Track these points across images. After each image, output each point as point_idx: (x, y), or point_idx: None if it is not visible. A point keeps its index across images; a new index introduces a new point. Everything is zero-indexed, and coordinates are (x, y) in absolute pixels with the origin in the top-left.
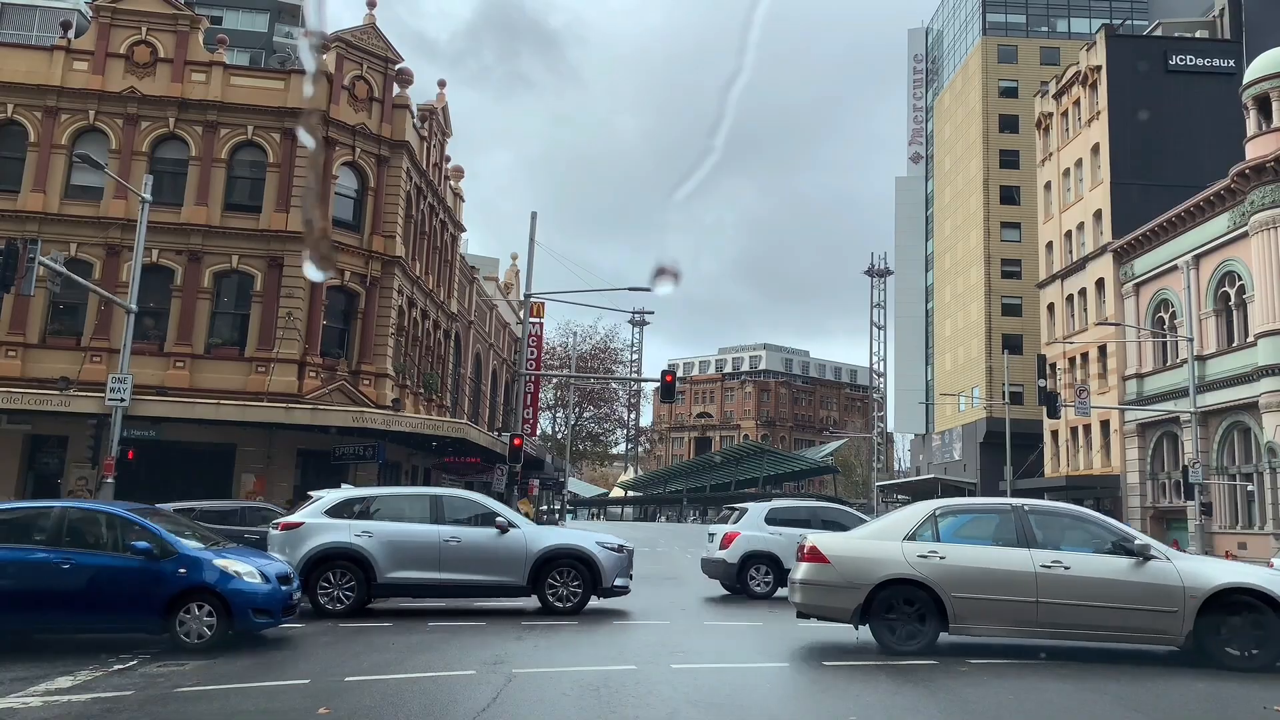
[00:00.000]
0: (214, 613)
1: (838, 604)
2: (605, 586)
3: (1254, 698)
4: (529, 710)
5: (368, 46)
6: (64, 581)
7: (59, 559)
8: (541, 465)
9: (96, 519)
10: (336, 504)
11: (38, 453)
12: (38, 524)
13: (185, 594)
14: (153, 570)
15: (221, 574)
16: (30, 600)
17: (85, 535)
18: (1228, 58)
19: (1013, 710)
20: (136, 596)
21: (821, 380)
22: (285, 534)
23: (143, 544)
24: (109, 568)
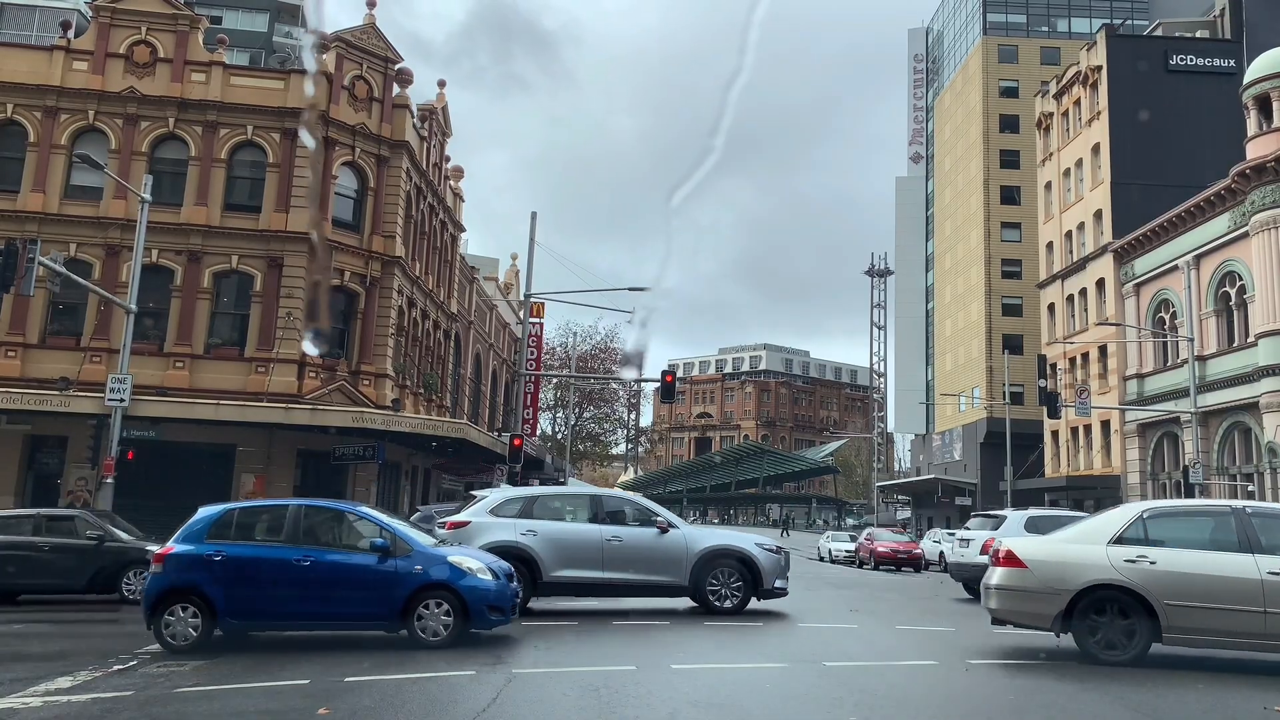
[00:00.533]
0: (451, 611)
1: (1036, 610)
2: (765, 588)
3: (1254, 698)
4: (529, 710)
5: (368, 46)
6: (305, 579)
7: (299, 556)
8: (541, 465)
9: (334, 516)
10: (500, 503)
11: (37, 453)
12: (275, 522)
13: (422, 591)
14: (389, 567)
15: (456, 570)
16: (272, 598)
17: (322, 532)
18: (1228, 58)
19: (1013, 710)
20: (374, 594)
21: (821, 380)
22: (453, 533)
23: (380, 540)
24: (347, 565)
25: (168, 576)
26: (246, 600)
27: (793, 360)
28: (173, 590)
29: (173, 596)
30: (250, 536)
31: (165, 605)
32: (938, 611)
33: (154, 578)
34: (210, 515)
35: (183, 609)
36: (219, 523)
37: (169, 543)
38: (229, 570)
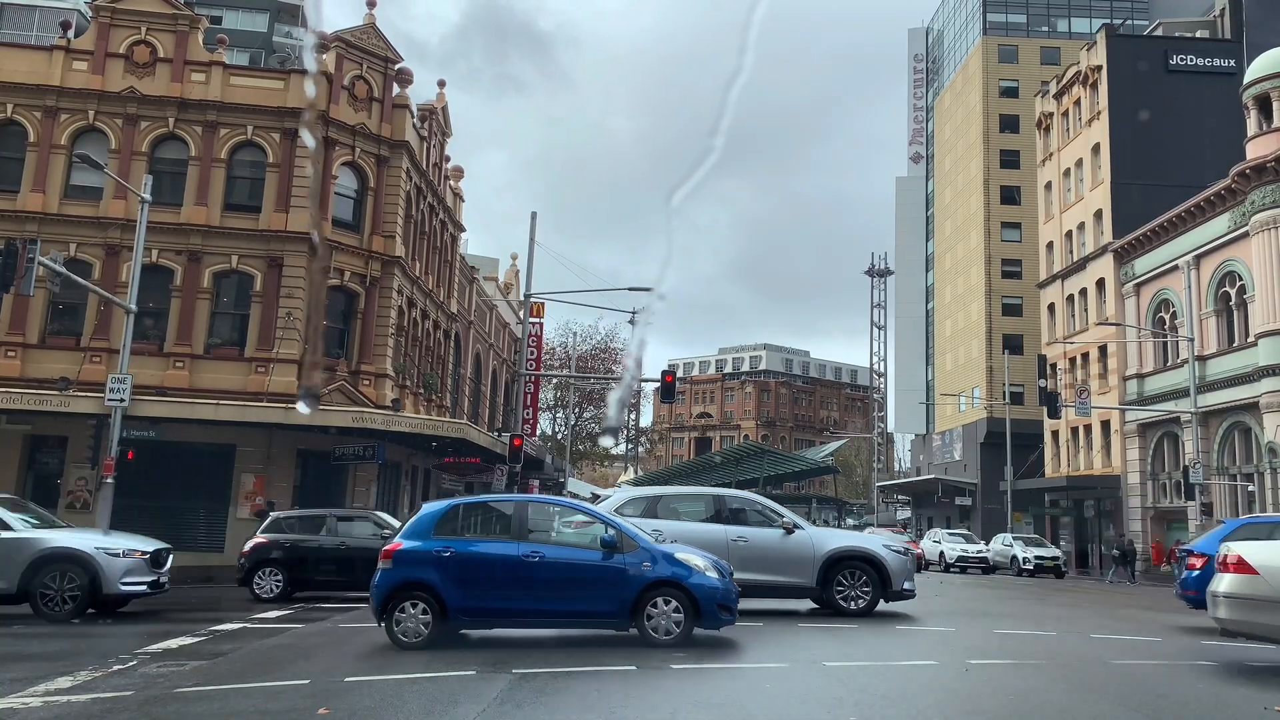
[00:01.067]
0: (681, 609)
1: (1270, 621)
2: (894, 589)
3: (1254, 698)
4: (529, 710)
5: (367, 46)
6: (533, 576)
7: (527, 553)
8: (541, 465)
9: (557, 511)
10: (624, 503)
11: (37, 453)
12: (499, 518)
13: (651, 588)
14: (617, 564)
15: (685, 568)
16: (502, 596)
17: (544, 528)
18: (1228, 58)
19: (1013, 710)
20: (602, 591)
21: (822, 380)
22: None
23: (607, 536)
24: (574, 562)
25: (398, 572)
26: (476, 598)
27: (793, 360)
28: (403, 586)
29: (402, 593)
30: (474, 532)
31: (395, 602)
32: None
33: (384, 573)
34: (435, 511)
35: (413, 605)
36: (444, 518)
37: (396, 538)
38: (458, 567)
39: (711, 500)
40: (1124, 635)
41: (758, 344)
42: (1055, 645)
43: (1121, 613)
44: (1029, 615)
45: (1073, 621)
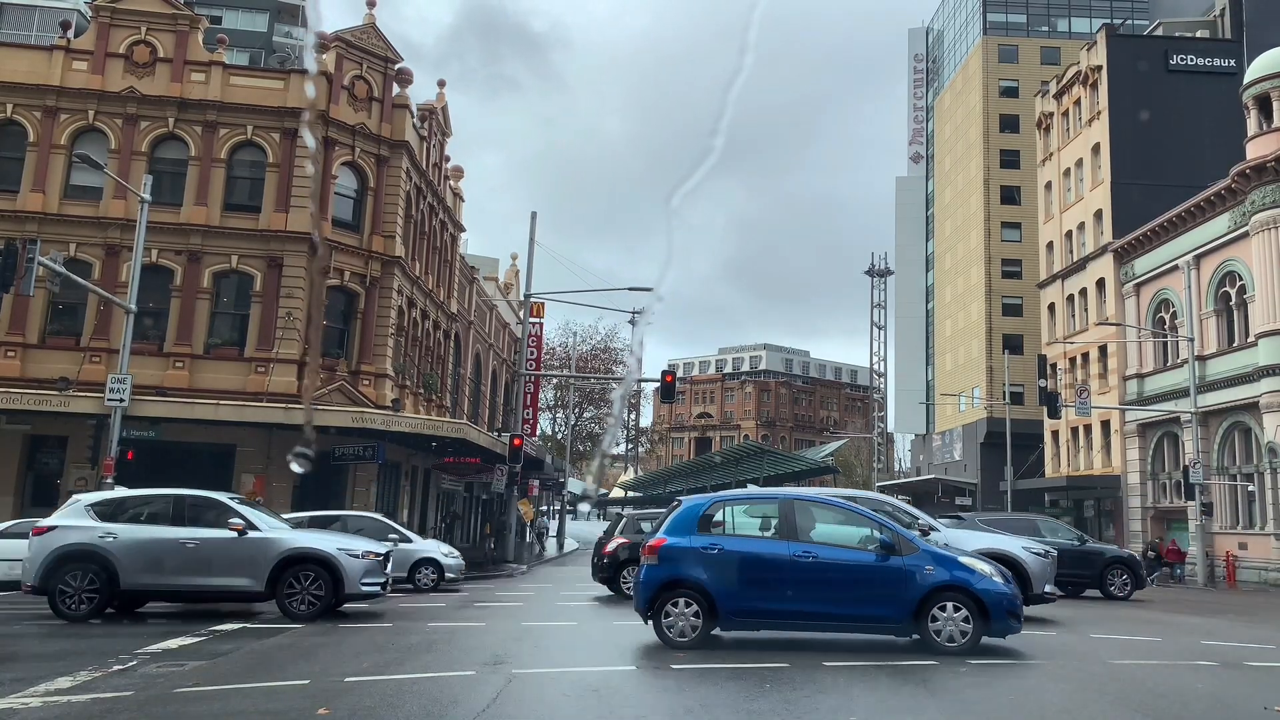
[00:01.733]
0: (969, 615)
1: None
2: (1034, 593)
3: (1254, 698)
4: (529, 710)
5: (367, 46)
6: (805, 576)
7: (799, 552)
8: (541, 465)
9: (826, 510)
10: None
11: (37, 453)
12: (761, 516)
13: (936, 593)
14: (895, 566)
15: (969, 571)
16: (774, 596)
17: (811, 527)
18: (1228, 57)
19: (1013, 710)
20: (882, 594)
21: (822, 380)
22: None
23: (883, 537)
24: (849, 563)
25: (664, 569)
26: (747, 597)
27: (793, 360)
28: (670, 583)
29: (669, 590)
30: (740, 529)
31: (662, 599)
32: None
33: (650, 569)
34: (697, 506)
35: (684, 604)
36: (706, 515)
37: (658, 534)
38: (726, 565)
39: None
40: (1123, 635)
41: (758, 344)
42: (1055, 644)
43: (1120, 612)
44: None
45: (1073, 621)
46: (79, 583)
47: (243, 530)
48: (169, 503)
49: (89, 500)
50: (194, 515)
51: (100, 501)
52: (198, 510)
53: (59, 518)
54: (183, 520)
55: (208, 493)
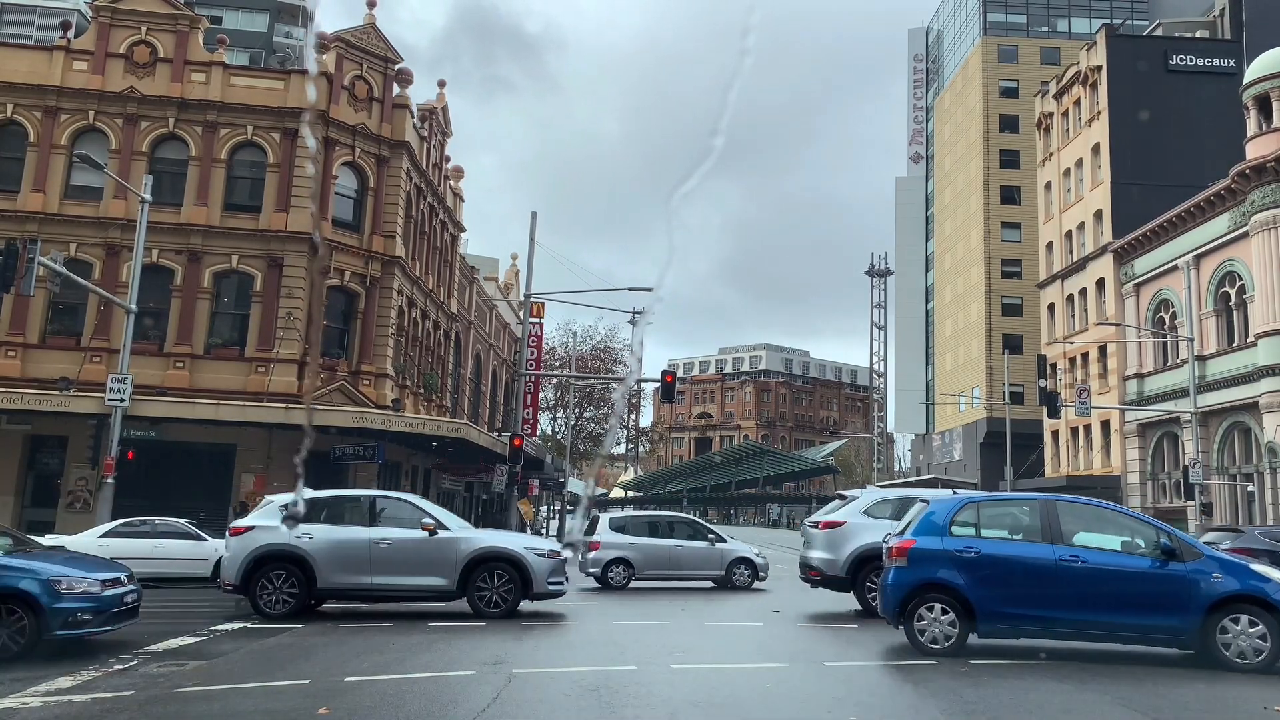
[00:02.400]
0: (1267, 632)
1: None
2: None
3: (1254, 698)
4: (529, 710)
5: (368, 46)
6: (1074, 582)
7: (1065, 556)
8: (541, 465)
9: (1092, 513)
10: (874, 503)
11: (38, 453)
12: (1015, 517)
13: (1225, 603)
14: (1176, 573)
15: (1262, 580)
16: (1040, 602)
17: (1075, 530)
18: (1228, 58)
19: (1013, 710)
20: (1162, 603)
21: (821, 380)
22: (828, 532)
23: (1165, 543)
24: (1124, 569)
25: (915, 572)
26: (1008, 603)
27: (793, 360)
28: (922, 587)
29: (920, 594)
30: (995, 531)
31: (914, 603)
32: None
33: (899, 572)
34: (948, 507)
35: (941, 610)
36: (959, 515)
37: (907, 534)
38: (985, 568)
39: None
40: None
41: (757, 344)
42: (1054, 644)
43: None
44: None
45: None
46: (279, 582)
47: (433, 530)
48: (360, 502)
49: (283, 500)
50: (384, 515)
51: (294, 502)
52: (388, 510)
53: (255, 518)
54: (374, 520)
55: (397, 493)
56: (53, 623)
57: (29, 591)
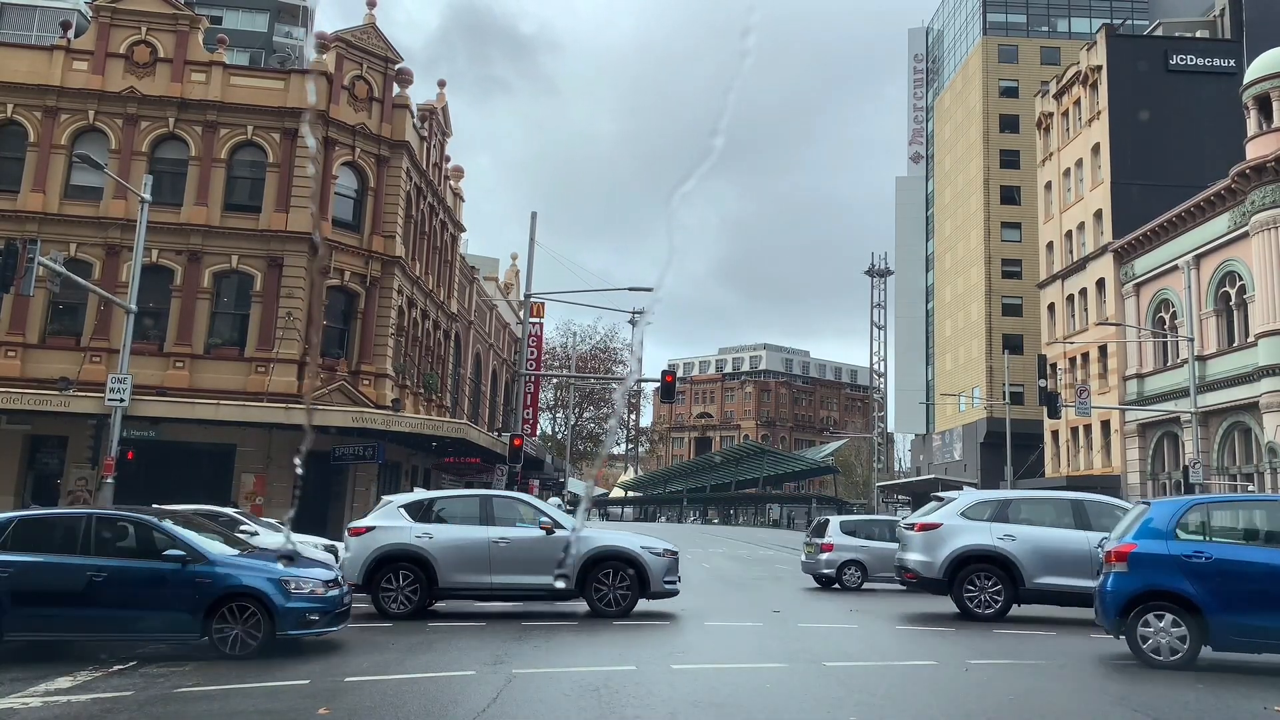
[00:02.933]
0: None
1: None
2: None
3: (1254, 698)
4: (529, 710)
5: (368, 46)
6: None
7: None
8: (541, 465)
9: None
10: (971, 505)
11: (38, 453)
12: (1253, 520)
13: None
14: None
15: None
16: None
17: None
18: (1228, 58)
19: (1013, 710)
20: None
21: (821, 380)
22: (925, 534)
23: None
24: None
25: (1137, 578)
26: (1251, 614)
27: (793, 360)
28: (1146, 594)
29: (1143, 602)
30: (1222, 535)
31: (1136, 611)
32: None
33: (1118, 578)
34: (1175, 508)
35: (1165, 618)
36: (1184, 518)
37: (1126, 538)
38: (1219, 576)
39: (1069, 506)
40: None
41: (757, 344)
42: (1055, 645)
43: None
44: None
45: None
46: (400, 582)
47: (551, 529)
48: (476, 502)
49: (401, 501)
50: (500, 514)
51: (412, 503)
52: (504, 509)
53: (375, 519)
54: (491, 519)
55: (512, 493)
56: (284, 622)
57: (263, 591)
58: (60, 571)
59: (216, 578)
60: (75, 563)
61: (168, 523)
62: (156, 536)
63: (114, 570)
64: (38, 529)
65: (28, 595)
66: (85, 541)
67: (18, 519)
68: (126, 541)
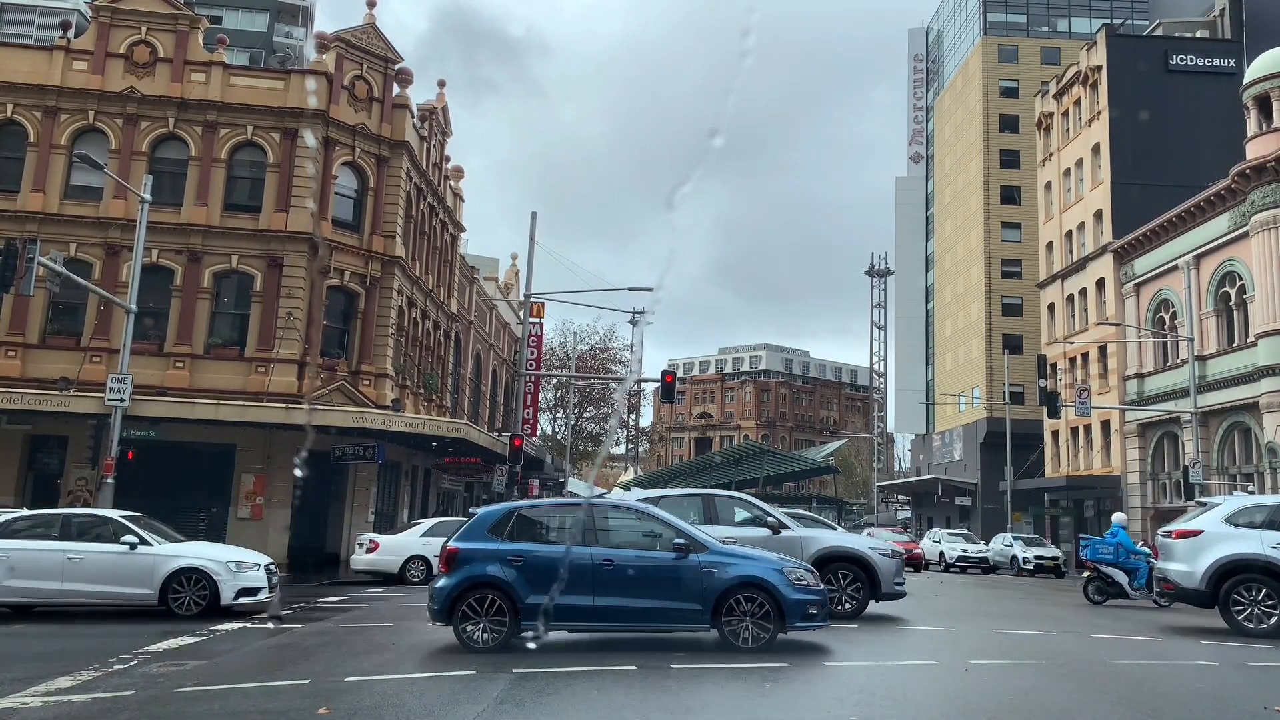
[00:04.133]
0: None
1: None
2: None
3: (1254, 698)
4: (529, 710)
5: (367, 46)
6: None
7: None
8: (541, 465)
9: None
10: (1236, 511)
11: (38, 453)
12: None
13: None
14: None
15: None
16: None
17: None
18: (1228, 58)
19: (1013, 710)
20: None
21: (822, 380)
22: (1185, 542)
23: None
24: None
25: None
26: None
27: (793, 360)
28: None
29: None
30: None
31: None
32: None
33: None
34: None
35: None
36: None
37: None
38: None
39: None
40: (1124, 635)
41: (757, 344)
42: (1055, 645)
43: (1121, 612)
44: (1029, 615)
45: (1072, 621)
46: None
47: (776, 529)
48: (696, 500)
49: None
50: (722, 514)
51: None
52: (725, 508)
53: None
54: (712, 519)
55: (732, 493)
56: (792, 615)
57: (771, 584)
58: (573, 559)
59: (719, 568)
60: (582, 552)
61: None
62: (661, 528)
63: (628, 560)
64: (542, 517)
65: (542, 586)
66: (588, 531)
67: (517, 509)
68: (633, 530)
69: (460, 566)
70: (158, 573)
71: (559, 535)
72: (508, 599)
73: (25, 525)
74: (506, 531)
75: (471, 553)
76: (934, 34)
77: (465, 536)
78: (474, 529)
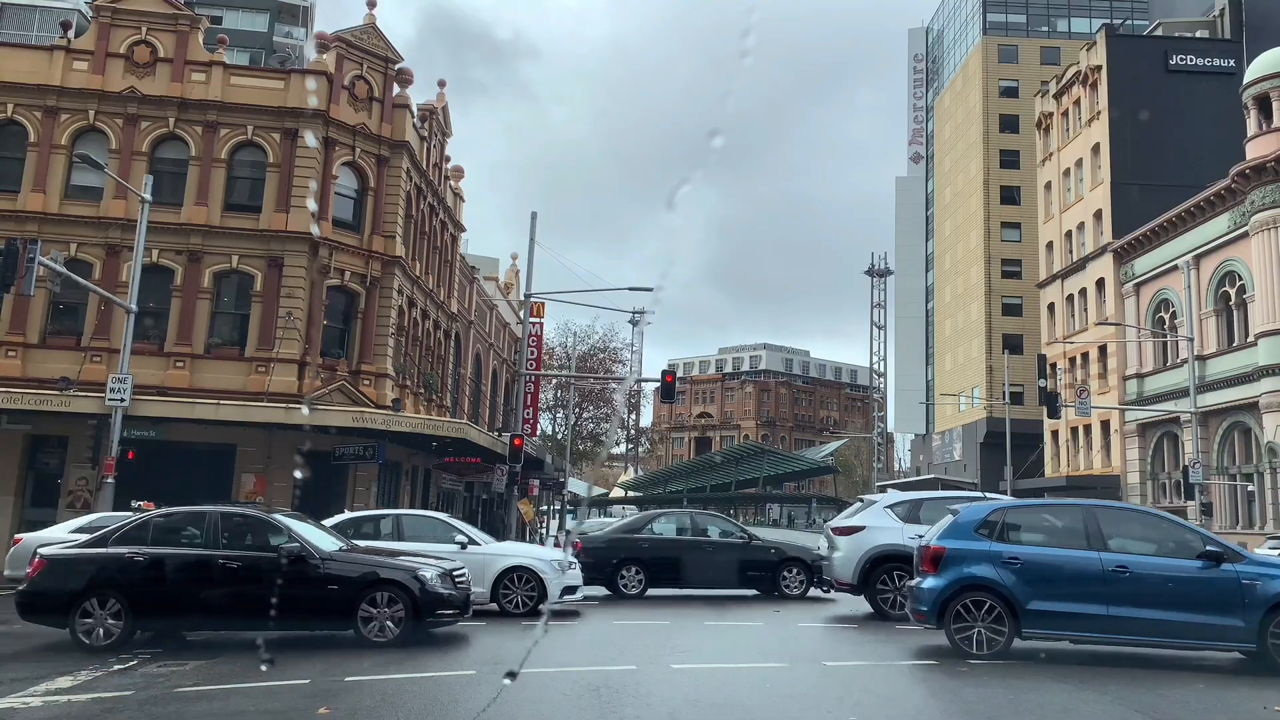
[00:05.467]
0: None
1: None
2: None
3: (1254, 698)
4: (529, 710)
5: (368, 46)
6: None
7: None
8: (541, 465)
9: None
10: (889, 506)
11: (38, 453)
12: None
13: None
14: None
15: None
16: None
17: None
18: (1228, 57)
19: (1013, 710)
20: None
21: (822, 380)
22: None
23: None
24: None
25: None
26: None
27: (793, 360)
28: None
29: None
30: None
31: None
32: None
33: None
34: None
35: None
36: None
37: None
38: None
39: None
40: None
41: (757, 344)
42: (1054, 644)
43: None
44: None
45: None
46: (897, 583)
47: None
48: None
49: (889, 502)
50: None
51: (897, 502)
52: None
53: (864, 518)
54: (917, 520)
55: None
56: None
57: None
58: (1079, 564)
59: (1262, 580)
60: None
61: None
62: (1185, 534)
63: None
64: (1033, 519)
65: (1044, 591)
66: (1088, 535)
67: (1005, 507)
68: (1144, 537)
69: (949, 567)
70: (489, 571)
71: (1053, 537)
72: (1005, 603)
73: None
74: (996, 532)
75: (962, 553)
76: (934, 34)
77: (950, 535)
78: (959, 528)
